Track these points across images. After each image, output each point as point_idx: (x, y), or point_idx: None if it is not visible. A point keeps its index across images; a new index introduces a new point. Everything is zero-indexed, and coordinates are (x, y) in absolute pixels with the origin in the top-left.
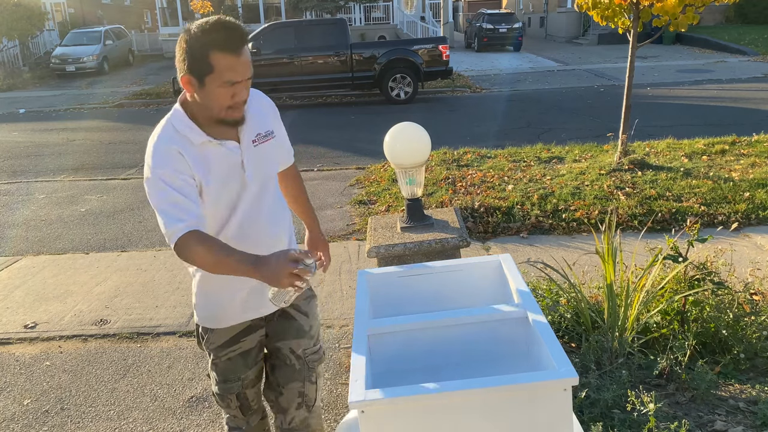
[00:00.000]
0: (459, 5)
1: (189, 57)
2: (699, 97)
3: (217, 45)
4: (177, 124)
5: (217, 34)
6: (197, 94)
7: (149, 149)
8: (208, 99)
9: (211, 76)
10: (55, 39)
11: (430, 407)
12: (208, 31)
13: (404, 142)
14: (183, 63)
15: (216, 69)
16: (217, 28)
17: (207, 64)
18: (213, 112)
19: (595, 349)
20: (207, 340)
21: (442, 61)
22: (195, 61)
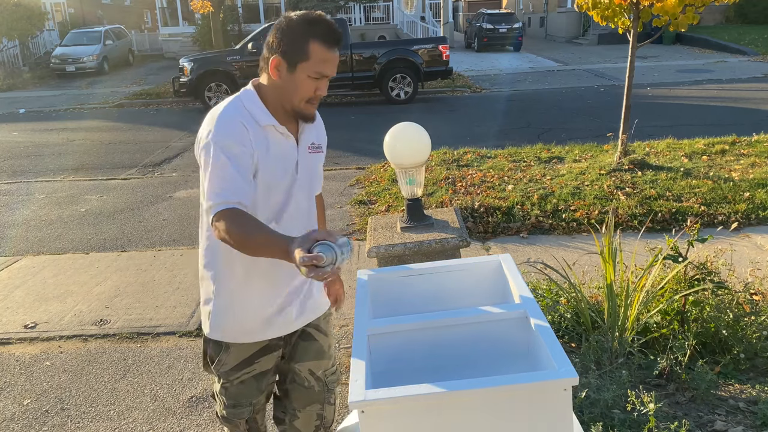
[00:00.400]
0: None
1: (287, 40)
2: (699, 97)
3: (319, 36)
4: (246, 101)
5: (320, 27)
6: (282, 79)
7: (212, 118)
8: (292, 86)
9: (304, 63)
10: (55, 39)
11: (430, 407)
12: (313, 21)
13: (404, 142)
14: (278, 45)
15: (311, 58)
16: (322, 21)
17: (304, 51)
18: (292, 101)
19: (595, 349)
20: (219, 361)
21: (442, 61)
22: (293, 45)
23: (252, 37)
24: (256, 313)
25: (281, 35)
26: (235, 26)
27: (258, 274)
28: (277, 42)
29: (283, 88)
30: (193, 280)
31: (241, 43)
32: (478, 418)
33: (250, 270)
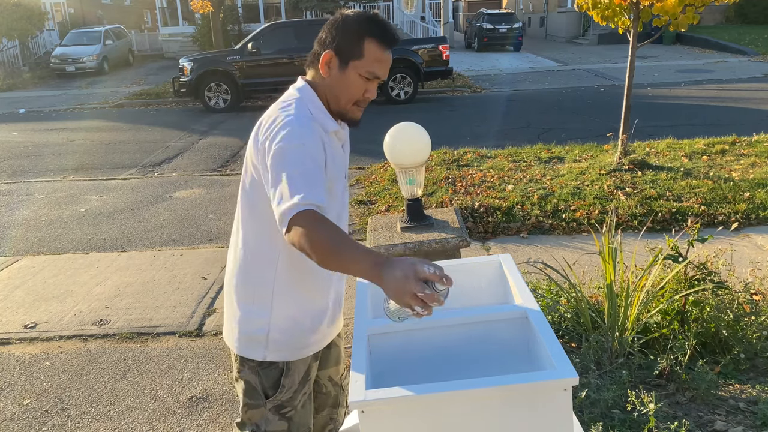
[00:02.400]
0: (459, 5)
1: (342, 36)
2: (699, 97)
3: (375, 35)
4: (312, 106)
5: (377, 26)
6: (333, 76)
7: (288, 121)
8: (342, 84)
9: (357, 62)
10: (55, 39)
11: (430, 407)
12: (371, 20)
13: (404, 142)
14: (331, 40)
15: (365, 56)
16: (379, 20)
17: (359, 48)
18: (339, 101)
19: (595, 349)
20: (283, 387)
21: (442, 61)
22: (348, 41)
23: (252, 37)
24: (314, 322)
25: (336, 31)
26: (235, 26)
27: (312, 281)
28: (331, 37)
29: (332, 87)
30: (193, 280)
31: (241, 43)
32: (478, 418)
33: (307, 278)
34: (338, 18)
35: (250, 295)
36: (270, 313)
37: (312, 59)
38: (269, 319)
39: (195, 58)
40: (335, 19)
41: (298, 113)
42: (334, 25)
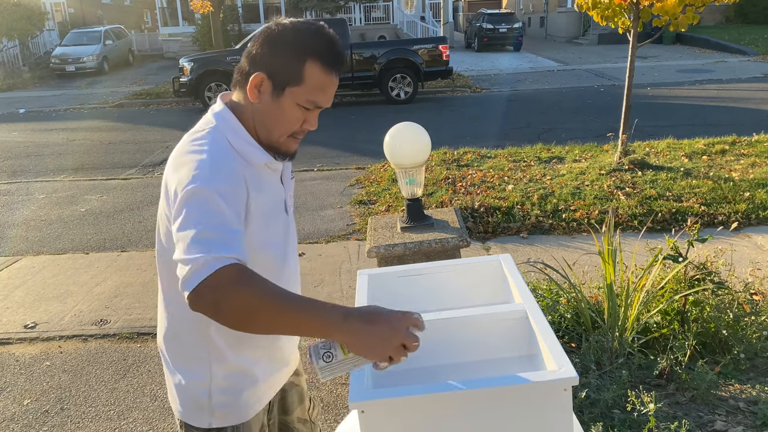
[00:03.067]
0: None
1: (278, 54)
2: (699, 97)
3: (320, 55)
4: (233, 138)
5: (323, 43)
6: (264, 103)
7: (201, 158)
8: (275, 114)
9: (295, 88)
10: (55, 39)
11: (430, 407)
12: (315, 35)
13: (404, 142)
14: (263, 59)
15: (305, 82)
16: (325, 36)
17: (298, 72)
18: (271, 132)
19: (595, 349)
20: None
21: (442, 61)
22: (284, 62)
23: (252, 37)
24: (263, 374)
25: (270, 47)
26: (235, 26)
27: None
28: (262, 54)
29: (262, 115)
30: None
31: (241, 43)
32: (478, 418)
33: None
34: (273, 30)
35: (185, 358)
36: (209, 375)
37: (239, 78)
38: (209, 382)
39: (195, 58)
40: (270, 30)
41: (211, 149)
42: (268, 38)
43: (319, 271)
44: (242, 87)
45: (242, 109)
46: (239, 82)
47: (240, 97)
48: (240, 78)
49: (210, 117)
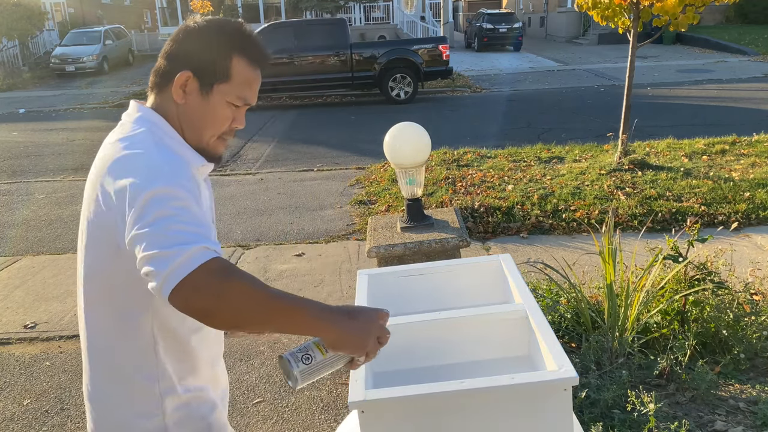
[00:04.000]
0: (459, 5)
1: (202, 51)
2: (699, 97)
3: (245, 50)
4: (170, 141)
5: (246, 38)
6: (191, 103)
7: (153, 159)
8: (204, 114)
9: (223, 85)
10: (55, 39)
11: (430, 407)
12: (237, 31)
13: (404, 142)
14: (187, 56)
15: (233, 79)
16: (246, 32)
17: (225, 68)
18: (202, 135)
19: (595, 349)
20: None
21: (442, 61)
22: (210, 59)
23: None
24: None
25: (193, 44)
26: None
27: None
28: (186, 52)
29: (190, 116)
30: None
31: None
32: (478, 418)
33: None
34: (194, 27)
35: (129, 398)
36: (162, 411)
37: (158, 80)
38: (162, 419)
39: None
40: (190, 28)
41: (160, 150)
42: (189, 36)
43: (319, 271)
44: (163, 89)
45: (166, 113)
46: (158, 84)
47: (159, 100)
48: (159, 80)
49: (130, 124)
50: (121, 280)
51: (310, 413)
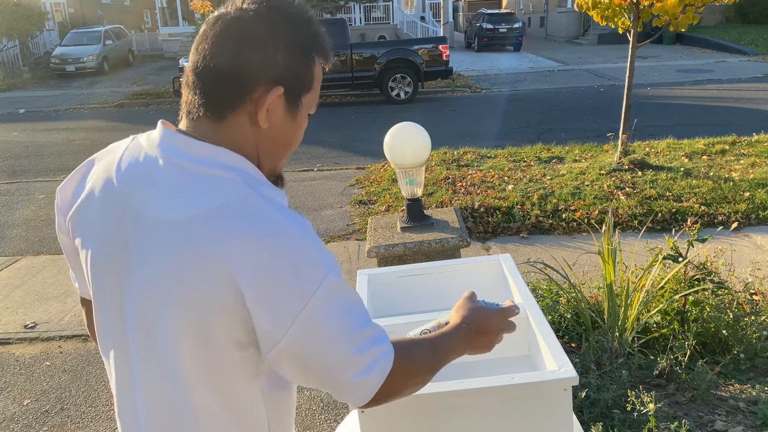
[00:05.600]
0: (459, 5)
1: (285, 56)
2: (699, 97)
3: (322, 46)
4: (269, 191)
5: (319, 30)
6: (275, 127)
7: (299, 241)
8: (288, 136)
9: (308, 95)
10: (55, 39)
11: (430, 407)
12: (310, 21)
13: (404, 142)
14: (264, 65)
15: (315, 85)
16: (316, 20)
17: (310, 74)
18: (279, 162)
19: (595, 349)
20: None
21: (442, 61)
22: (295, 65)
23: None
24: None
25: (266, 46)
26: None
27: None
28: (262, 59)
29: (274, 142)
30: None
31: None
32: (478, 418)
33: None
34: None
35: None
36: None
37: (215, 102)
38: None
39: None
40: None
41: (278, 212)
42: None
43: None
44: (225, 114)
45: (239, 146)
46: (215, 106)
47: (223, 130)
48: (216, 101)
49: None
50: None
51: (310, 413)
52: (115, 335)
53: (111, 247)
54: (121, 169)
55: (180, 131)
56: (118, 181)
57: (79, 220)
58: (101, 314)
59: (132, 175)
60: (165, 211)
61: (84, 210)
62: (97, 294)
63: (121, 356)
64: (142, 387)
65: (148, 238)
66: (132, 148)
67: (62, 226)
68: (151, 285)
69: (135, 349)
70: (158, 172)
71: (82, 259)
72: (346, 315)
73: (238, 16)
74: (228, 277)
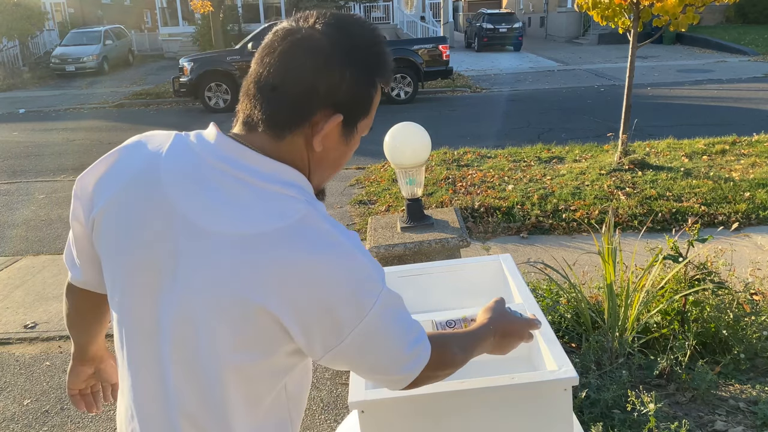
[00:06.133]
0: (459, 5)
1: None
2: (699, 97)
3: (385, 72)
4: (323, 210)
5: (384, 54)
6: (328, 149)
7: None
8: (339, 158)
9: (364, 120)
10: (55, 39)
11: (430, 407)
12: (376, 45)
13: (404, 142)
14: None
15: (372, 110)
16: (383, 44)
17: (369, 100)
18: (326, 179)
19: (595, 349)
20: None
21: (443, 60)
22: (357, 93)
23: (252, 37)
24: None
25: (332, 72)
26: (235, 26)
27: None
28: (326, 86)
29: (325, 163)
30: None
31: (241, 43)
32: (478, 418)
33: None
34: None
35: None
36: None
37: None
38: None
39: (195, 58)
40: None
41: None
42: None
43: None
44: (283, 133)
45: (295, 163)
46: (277, 125)
47: (281, 147)
48: (277, 121)
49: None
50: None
51: (310, 413)
52: (143, 335)
53: (154, 252)
54: (168, 171)
55: (237, 140)
56: (166, 185)
57: (112, 215)
58: (126, 312)
59: (182, 181)
60: (226, 225)
61: (119, 207)
62: (126, 291)
63: (147, 358)
64: (175, 389)
65: (202, 249)
66: (178, 149)
67: (77, 214)
68: (201, 295)
69: (167, 353)
70: (214, 182)
71: (106, 252)
72: (396, 322)
73: (308, 35)
74: (288, 294)
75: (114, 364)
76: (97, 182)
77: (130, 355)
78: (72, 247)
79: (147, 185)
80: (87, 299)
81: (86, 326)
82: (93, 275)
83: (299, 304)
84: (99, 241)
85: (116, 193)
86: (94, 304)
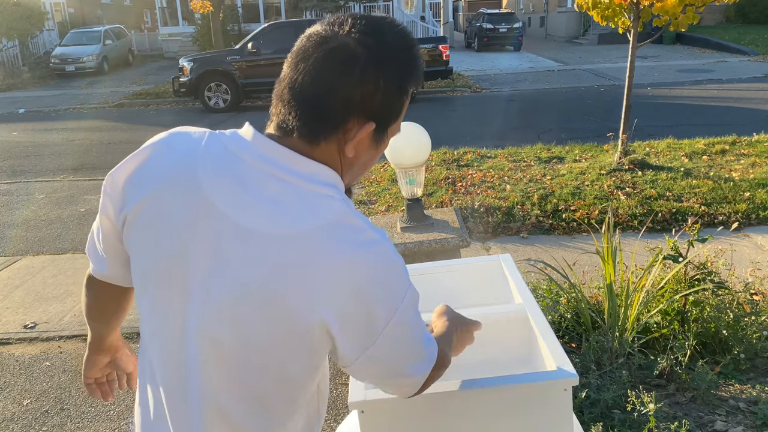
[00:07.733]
0: (459, 5)
1: (383, 93)
2: (699, 97)
3: (417, 78)
4: (355, 208)
5: (417, 60)
6: (359, 154)
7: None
8: (369, 161)
9: (394, 125)
10: (55, 39)
11: (430, 407)
12: (410, 46)
13: (404, 142)
14: (361, 100)
15: (402, 114)
16: (416, 50)
17: (400, 106)
18: (355, 180)
19: (595, 349)
20: None
21: (443, 60)
22: (389, 100)
23: (252, 37)
24: None
25: (366, 80)
26: (235, 26)
27: None
28: (361, 95)
29: (355, 166)
30: None
31: (241, 43)
32: (477, 418)
33: None
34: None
35: None
36: None
37: (311, 126)
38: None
39: (195, 58)
40: (348, 51)
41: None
42: (352, 65)
43: None
44: (318, 140)
45: (326, 162)
46: (313, 131)
47: (316, 151)
48: (311, 127)
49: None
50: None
51: None
52: (175, 334)
53: (193, 251)
54: (206, 171)
55: (274, 140)
56: (205, 185)
57: (146, 216)
58: (159, 311)
59: (222, 181)
60: (270, 225)
61: (154, 207)
62: (159, 292)
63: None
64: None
65: (247, 249)
66: (214, 147)
67: (107, 210)
68: (245, 295)
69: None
70: (255, 182)
71: (137, 252)
72: (417, 318)
73: (343, 44)
74: (331, 293)
75: (129, 353)
76: (128, 179)
77: (161, 353)
78: (97, 241)
79: (184, 185)
80: (109, 291)
81: (106, 318)
82: (118, 269)
83: (340, 302)
84: (130, 239)
85: (151, 193)
86: (115, 297)
